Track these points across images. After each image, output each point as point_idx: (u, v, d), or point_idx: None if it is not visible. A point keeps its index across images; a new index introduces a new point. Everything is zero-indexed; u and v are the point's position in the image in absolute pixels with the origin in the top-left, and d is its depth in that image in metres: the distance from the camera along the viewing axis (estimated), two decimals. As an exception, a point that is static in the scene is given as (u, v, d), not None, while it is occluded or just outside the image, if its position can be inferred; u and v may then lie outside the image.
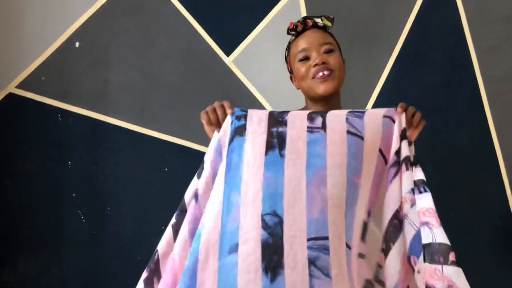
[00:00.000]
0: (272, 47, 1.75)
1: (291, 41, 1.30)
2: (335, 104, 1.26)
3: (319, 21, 1.26)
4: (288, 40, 1.33)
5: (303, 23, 1.27)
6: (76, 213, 1.67)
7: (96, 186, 1.68)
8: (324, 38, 1.24)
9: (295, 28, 1.27)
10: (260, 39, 1.78)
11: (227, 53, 1.77)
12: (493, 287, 1.84)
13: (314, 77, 1.20)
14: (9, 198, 1.64)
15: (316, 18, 1.27)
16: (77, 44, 1.70)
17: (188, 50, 1.75)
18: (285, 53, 1.32)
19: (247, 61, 1.77)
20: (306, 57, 1.22)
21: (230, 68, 1.77)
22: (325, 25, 1.27)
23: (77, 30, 1.70)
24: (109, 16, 1.72)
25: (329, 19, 1.27)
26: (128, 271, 1.66)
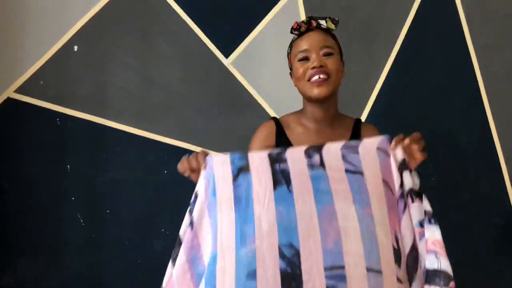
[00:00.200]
0: (271, 48, 1.75)
1: (294, 39, 1.30)
2: (331, 106, 1.26)
3: (323, 23, 1.26)
4: (291, 39, 1.33)
5: (307, 23, 1.26)
6: (76, 216, 1.67)
7: (95, 190, 1.68)
8: (325, 40, 1.24)
9: (298, 28, 1.27)
10: (259, 40, 1.78)
11: (226, 55, 1.77)
12: (493, 285, 1.83)
13: (309, 79, 1.21)
14: (8, 202, 1.64)
15: (321, 19, 1.27)
16: (75, 48, 1.70)
17: (187, 53, 1.75)
18: (288, 49, 1.33)
19: (246, 62, 1.77)
20: (305, 57, 1.23)
21: (229, 70, 1.77)
22: (328, 27, 1.27)
23: (75, 34, 1.70)
24: (108, 19, 1.72)
25: (333, 22, 1.27)
26: (127, 274, 1.66)
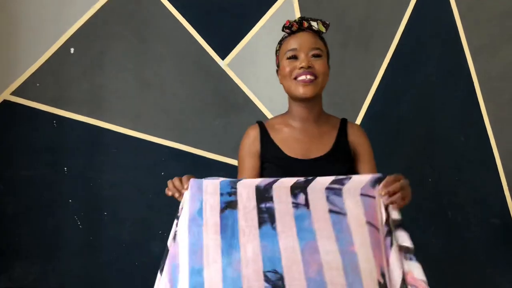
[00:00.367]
0: (267, 50, 1.75)
1: (284, 37, 1.31)
2: (316, 105, 1.28)
3: (314, 24, 1.27)
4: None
5: (299, 23, 1.27)
6: (73, 218, 1.67)
7: (92, 192, 1.68)
8: (315, 42, 1.25)
9: (290, 27, 1.28)
10: (255, 42, 1.78)
11: (222, 57, 1.77)
12: (491, 285, 1.83)
13: (296, 78, 1.23)
14: (5, 204, 1.64)
15: (313, 21, 1.28)
16: (72, 50, 1.70)
17: (183, 54, 1.75)
18: (277, 46, 1.34)
19: (242, 64, 1.78)
20: (294, 56, 1.25)
21: (225, 71, 1.77)
22: (319, 30, 1.28)
23: (71, 36, 1.70)
24: (104, 21, 1.72)
25: (324, 25, 1.28)
26: (125, 277, 1.66)
